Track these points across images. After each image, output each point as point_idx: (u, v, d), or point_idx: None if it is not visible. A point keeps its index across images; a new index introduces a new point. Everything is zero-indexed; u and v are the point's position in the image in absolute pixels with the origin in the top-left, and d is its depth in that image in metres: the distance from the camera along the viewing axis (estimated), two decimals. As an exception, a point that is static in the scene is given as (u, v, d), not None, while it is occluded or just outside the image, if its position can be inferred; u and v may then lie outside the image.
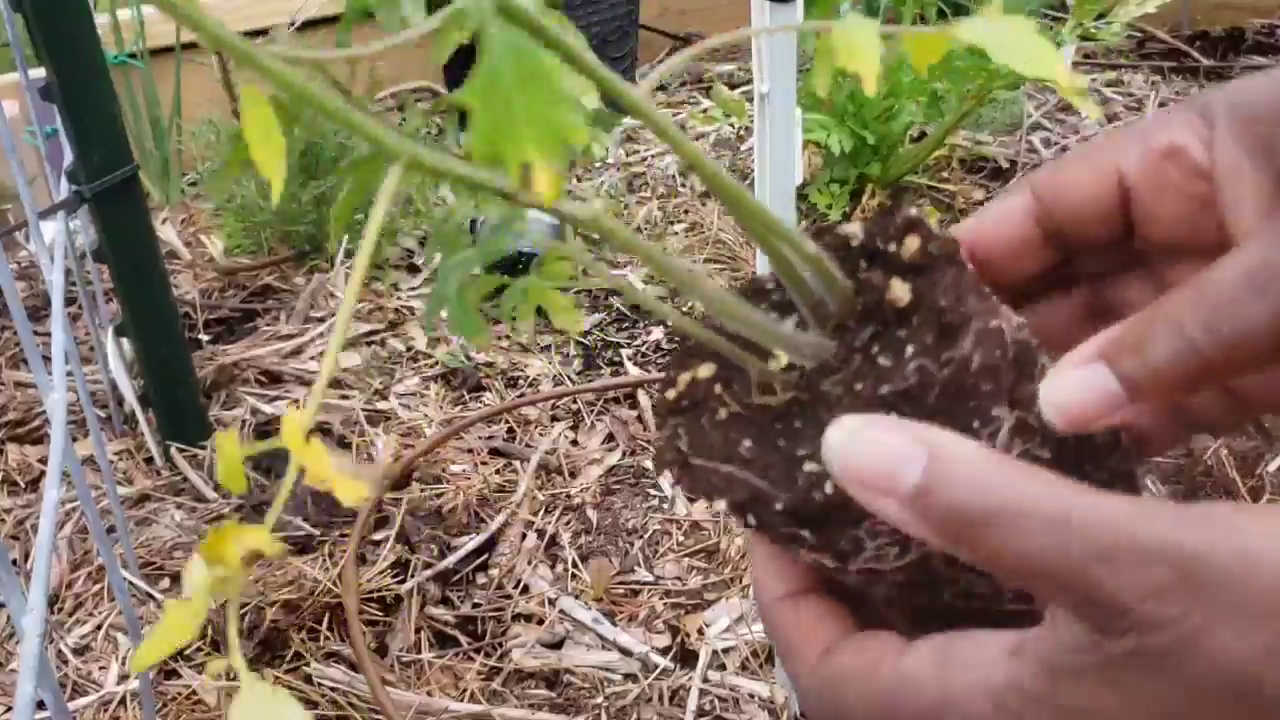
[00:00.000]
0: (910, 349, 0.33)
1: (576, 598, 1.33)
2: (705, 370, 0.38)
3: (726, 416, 0.36)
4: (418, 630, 1.29)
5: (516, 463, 1.56)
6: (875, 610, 0.36)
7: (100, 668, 1.26)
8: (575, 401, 1.68)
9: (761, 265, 1.02)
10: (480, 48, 0.23)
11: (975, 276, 0.34)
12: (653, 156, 2.46)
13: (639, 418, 1.65)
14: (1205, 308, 0.30)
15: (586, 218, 0.29)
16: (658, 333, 1.85)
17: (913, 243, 0.34)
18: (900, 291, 0.34)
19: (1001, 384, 0.33)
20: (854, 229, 0.36)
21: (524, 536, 1.43)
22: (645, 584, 1.35)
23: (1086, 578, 0.27)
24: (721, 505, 0.34)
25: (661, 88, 2.72)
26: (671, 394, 0.38)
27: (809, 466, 0.33)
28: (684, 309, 1.85)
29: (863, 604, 0.36)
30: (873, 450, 0.30)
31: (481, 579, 1.37)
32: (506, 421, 1.64)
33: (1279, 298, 0.29)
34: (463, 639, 1.29)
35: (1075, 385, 0.32)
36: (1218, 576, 0.27)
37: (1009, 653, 0.30)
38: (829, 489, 0.32)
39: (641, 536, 1.43)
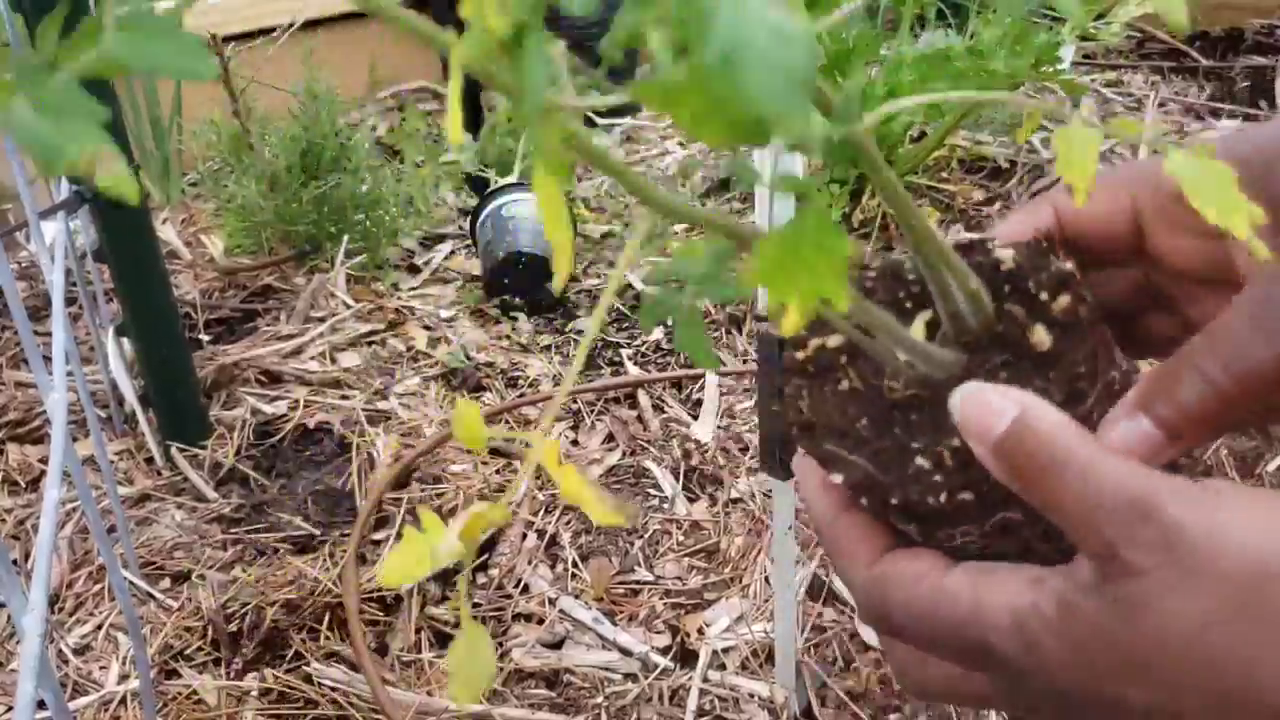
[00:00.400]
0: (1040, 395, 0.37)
1: (576, 597, 1.33)
2: (834, 340, 0.41)
3: (848, 389, 0.40)
4: (418, 630, 1.29)
5: (517, 462, 1.56)
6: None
7: (101, 667, 1.26)
8: (575, 401, 1.68)
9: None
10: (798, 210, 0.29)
11: (1108, 334, 0.39)
12: (653, 156, 2.46)
13: (639, 418, 1.65)
14: (1219, 351, 0.35)
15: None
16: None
17: (1065, 300, 0.38)
18: (1042, 337, 0.38)
19: None
20: (1006, 255, 0.40)
21: (524, 536, 1.43)
22: (645, 584, 1.36)
23: (1094, 521, 0.33)
24: (838, 478, 0.39)
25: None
26: (801, 355, 0.41)
27: (920, 461, 0.37)
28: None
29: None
30: (979, 406, 0.36)
31: (482, 579, 1.37)
32: (507, 421, 1.64)
33: None
34: (463, 639, 1.29)
35: (1122, 436, 0.36)
36: (1188, 544, 0.32)
37: (1033, 581, 0.36)
38: (942, 498, 0.37)
39: (641, 536, 1.43)
